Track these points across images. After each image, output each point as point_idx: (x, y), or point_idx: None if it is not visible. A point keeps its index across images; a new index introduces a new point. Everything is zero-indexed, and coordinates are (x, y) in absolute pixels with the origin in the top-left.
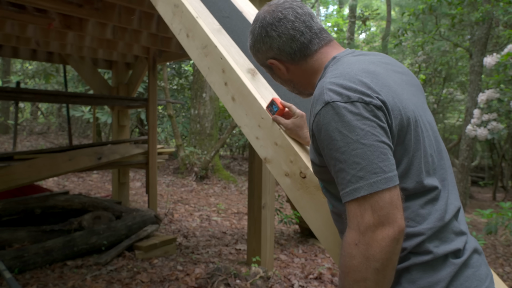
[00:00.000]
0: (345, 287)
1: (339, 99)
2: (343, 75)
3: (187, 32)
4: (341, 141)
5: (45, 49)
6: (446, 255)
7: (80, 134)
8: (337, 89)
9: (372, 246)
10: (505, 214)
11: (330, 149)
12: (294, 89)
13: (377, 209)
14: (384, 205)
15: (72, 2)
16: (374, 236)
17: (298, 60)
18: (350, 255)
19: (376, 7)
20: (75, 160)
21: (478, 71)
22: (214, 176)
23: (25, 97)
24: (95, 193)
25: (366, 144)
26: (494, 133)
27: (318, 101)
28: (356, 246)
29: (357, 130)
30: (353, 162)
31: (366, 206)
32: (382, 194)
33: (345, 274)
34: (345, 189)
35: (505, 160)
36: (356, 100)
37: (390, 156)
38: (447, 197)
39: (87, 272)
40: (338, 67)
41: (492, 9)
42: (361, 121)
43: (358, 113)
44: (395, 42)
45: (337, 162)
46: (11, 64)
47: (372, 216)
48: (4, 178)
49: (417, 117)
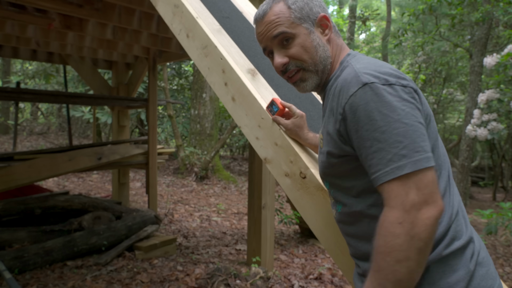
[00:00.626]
0: (383, 269)
1: (377, 81)
2: (373, 64)
3: (187, 32)
4: (381, 121)
5: (45, 49)
6: (460, 249)
7: (80, 134)
8: (373, 73)
9: (417, 225)
10: (505, 214)
11: (367, 130)
12: (324, 60)
13: (421, 187)
14: (428, 184)
15: (72, 3)
16: (419, 215)
17: (337, 32)
18: (392, 234)
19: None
20: (75, 160)
21: (478, 71)
22: (214, 177)
23: (25, 98)
24: (95, 193)
25: (407, 124)
26: (494, 133)
27: (351, 83)
28: (400, 225)
29: (397, 110)
30: (395, 141)
31: (411, 184)
32: (426, 172)
33: (386, 254)
34: (385, 168)
35: (505, 160)
36: (393, 83)
37: (427, 138)
38: (453, 192)
39: (87, 273)
40: (361, 60)
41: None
42: (400, 102)
43: (397, 94)
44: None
45: (374, 142)
46: (11, 64)
47: (416, 195)
48: (4, 178)
49: (432, 116)
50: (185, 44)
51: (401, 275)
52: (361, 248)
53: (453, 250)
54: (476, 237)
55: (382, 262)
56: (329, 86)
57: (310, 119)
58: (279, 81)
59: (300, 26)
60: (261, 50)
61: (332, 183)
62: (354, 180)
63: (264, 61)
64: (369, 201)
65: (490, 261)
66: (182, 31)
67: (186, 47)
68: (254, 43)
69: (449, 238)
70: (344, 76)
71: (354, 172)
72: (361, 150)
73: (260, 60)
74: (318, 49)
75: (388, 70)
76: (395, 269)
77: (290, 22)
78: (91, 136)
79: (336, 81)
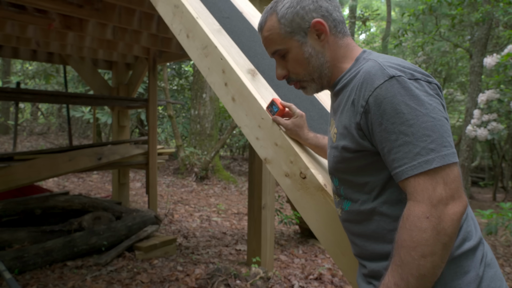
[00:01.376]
0: (408, 263)
1: (403, 75)
2: (395, 60)
3: (187, 32)
4: (409, 114)
5: (45, 49)
6: (471, 250)
7: (80, 134)
8: (398, 67)
9: (443, 220)
10: (505, 214)
11: (393, 123)
12: (319, 68)
13: (448, 182)
14: (454, 179)
15: (72, 3)
16: (446, 210)
17: (339, 32)
18: (419, 228)
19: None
20: (75, 160)
21: (478, 71)
22: (214, 177)
23: (25, 98)
24: (95, 193)
25: (435, 118)
26: (494, 134)
27: (376, 75)
28: (427, 219)
29: (425, 104)
30: (423, 135)
31: (438, 179)
32: (453, 168)
33: (411, 249)
34: (411, 162)
35: (505, 160)
36: (419, 78)
37: (451, 133)
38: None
39: (87, 273)
40: (381, 56)
41: (492, 10)
42: (427, 96)
43: (424, 89)
44: (395, 43)
45: (401, 136)
46: (11, 64)
47: (444, 190)
48: (4, 179)
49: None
50: (185, 44)
51: (426, 270)
52: (368, 247)
53: (465, 251)
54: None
55: (407, 257)
56: (344, 82)
57: (310, 119)
58: (279, 81)
59: (292, 39)
60: (261, 50)
61: (343, 180)
62: (368, 176)
63: (264, 61)
64: (382, 199)
65: (496, 263)
66: (182, 31)
67: (186, 47)
68: (254, 44)
69: (461, 238)
70: (367, 69)
71: (370, 168)
72: (384, 143)
73: (260, 60)
74: (311, 59)
75: (412, 66)
76: (420, 264)
77: (282, 37)
78: (91, 136)
79: (355, 76)
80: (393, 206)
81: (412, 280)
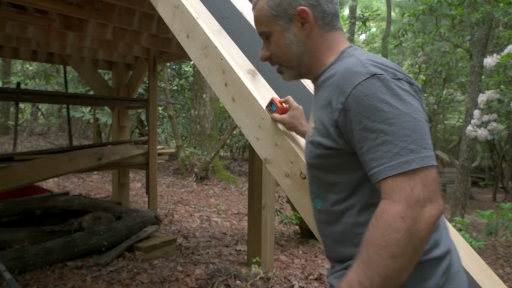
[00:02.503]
0: (375, 262)
1: (385, 73)
2: (378, 58)
3: (187, 33)
4: (390, 112)
5: (46, 50)
6: (437, 258)
7: (80, 134)
8: (381, 66)
9: (418, 222)
10: (506, 215)
11: (373, 121)
12: (298, 57)
13: (427, 184)
14: (432, 181)
15: (73, 3)
16: (422, 212)
17: (326, 24)
18: (392, 228)
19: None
20: (75, 160)
21: (478, 71)
22: (214, 177)
23: (26, 98)
24: (95, 193)
25: (417, 119)
26: (494, 134)
27: (357, 72)
28: (402, 219)
29: (407, 103)
30: (404, 135)
31: (417, 180)
32: (431, 170)
33: (381, 248)
34: (390, 162)
35: (505, 161)
36: (401, 78)
37: (430, 137)
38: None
39: (87, 273)
40: (365, 53)
41: (492, 10)
42: (409, 96)
43: (406, 89)
44: (395, 43)
45: (381, 134)
46: (11, 65)
47: (422, 191)
48: (5, 179)
49: None
50: (185, 44)
51: (393, 271)
52: (336, 249)
53: (430, 258)
54: (453, 248)
55: (375, 255)
56: (325, 76)
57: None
58: (279, 81)
59: (276, 23)
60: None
61: (316, 177)
62: (340, 176)
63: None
64: (352, 201)
65: (462, 275)
66: (182, 31)
67: (186, 48)
68: (254, 44)
69: (429, 245)
70: (349, 65)
71: (343, 168)
72: (362, 142)
73: (260, 60)
74: (291, 46)
75: (394, 66)
76: (389, 264)
77: (267, 20)
78: (91, 137)
79: (337, 71)
80: (363, 210)
81: (377, 280)
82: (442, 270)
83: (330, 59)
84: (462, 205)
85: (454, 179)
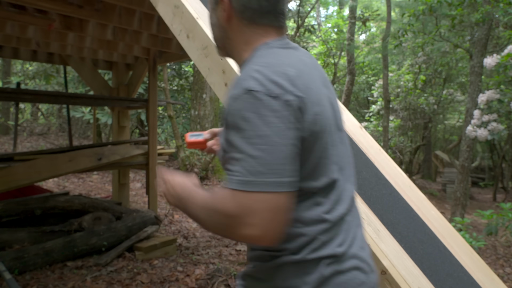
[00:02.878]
0: (200, 217)
1: (261, 89)
2: (270, 66)
3: (187, 33)
4: (251, 131)
5: (46, 50)
6: (320, 258)
7: (80, 135)
8: (261, 79)
9: (233, 234)
10: (506, 215)
11: (234, 135)
12: (220, 40)
13: (260, 209)
14: (269, 208)
15: (73, 3)
16: (236, 230)
17: (244, 18)
18: (217, 213)
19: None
20: (75, 161)
21: (478, 72)
22: (214, 177)
23: (26, 98)
24: (95, 194)
25: (277, 142)
26: (494, 134)
27: (238, 85)
28: (226, 217)
29: (271, 124)
30: (257, 156)
31: (252, 202)
32: (272, 196)
33: (206, 217)
34: (238, 176)
35: (506, 161)
36: (277, 96)
37: (294, 162)
38: (336, 201)
39: (87, 273)
40: (267, 56)
41: (492, 10)
42: (278, 118)
43: (277, 109)
44: (395, 43)
45: (237, 150)
46: (11, 65)
47: (252, 215)
48: (5, 179)
49: (331, 125)
50: (185, 44)
51: (201, 221)
52: (248, 252)
53: (307, 259)
54: (361, 261)
55: (202, 214)
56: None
57: None
58: None
59: (211, 2)
60: None
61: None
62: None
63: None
64: None
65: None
66: (182, 31)
67: (186, 48)
68: None
69: (310, 248)
70: (241, 74)
71: None
72: (226, 150)
73: None
74: (214, 28)
75: (278, 79)
76: (200, 218)
77: None
78: (91, 137)
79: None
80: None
81: (197, 215)
82: (327, 272)
83: (246, 53)
84: (462, 205)
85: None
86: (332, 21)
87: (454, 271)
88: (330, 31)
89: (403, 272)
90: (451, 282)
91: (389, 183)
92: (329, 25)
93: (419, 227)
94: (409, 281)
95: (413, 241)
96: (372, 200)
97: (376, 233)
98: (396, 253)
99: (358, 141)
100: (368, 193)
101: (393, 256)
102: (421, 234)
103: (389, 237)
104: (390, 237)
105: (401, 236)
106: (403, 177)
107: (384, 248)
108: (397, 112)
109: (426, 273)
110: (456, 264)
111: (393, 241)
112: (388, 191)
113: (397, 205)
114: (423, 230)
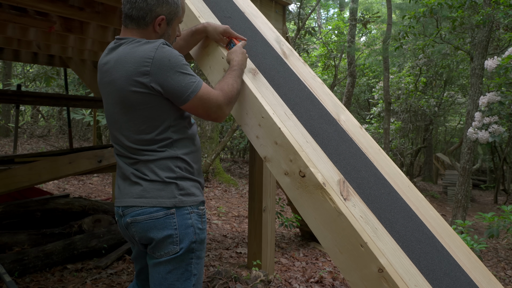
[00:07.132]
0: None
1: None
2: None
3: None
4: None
5: (46, 52)
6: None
7: (80, 137)
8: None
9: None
10: (507, 217)
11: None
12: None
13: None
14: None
15: (73, 5)
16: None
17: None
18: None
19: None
20: (75, 163)
21: (479, 74)
22: (215, 179)
23: (26, 100)
24: (95, 196)
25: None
26: (495, 136)
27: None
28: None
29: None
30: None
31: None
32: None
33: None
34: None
35: (507, 163)
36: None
37: None
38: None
39: (87, 276)
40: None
41: (492, 12)
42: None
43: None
44: (396, 45)
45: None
46: (12, 67)
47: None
48: (5, 181)
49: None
50: None
51: (236, 85)
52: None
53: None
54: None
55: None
56: None
57: (310, 119)
58: (280, 81)
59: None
60: (262, 50)
61: None
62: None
63: (265, 61)
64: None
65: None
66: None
67: None
68: (255, 43)
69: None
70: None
71: None
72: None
73: (261, 60)
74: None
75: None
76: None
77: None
78: (92, 139)
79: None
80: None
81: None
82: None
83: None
84: (463, 208)
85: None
86: (333, 23)
87: (451, 271)
88: (331, 33)
89: (400, 270)
90: (448, 281)
91: (388, 183)
92: (330, 27)
93: (417, 227)
94: (406, 279)
95: (410, 240)
96: (370, 199)
97: (374, 232)
98: (394, 251)
99: (357, 141)
100: (367, 192)
101: (391, 254)
102: (419, 233)
103: (386, 236)
104: (388, 236)
105: (399, 235)
106: (402, 177)
107: (381, 246)
108: (398, 114)
109: (423, 272)
110: (454, 263)
111: (391, 240)
112: (387, 191)
113: (396, 204)
114: (421, 229)
